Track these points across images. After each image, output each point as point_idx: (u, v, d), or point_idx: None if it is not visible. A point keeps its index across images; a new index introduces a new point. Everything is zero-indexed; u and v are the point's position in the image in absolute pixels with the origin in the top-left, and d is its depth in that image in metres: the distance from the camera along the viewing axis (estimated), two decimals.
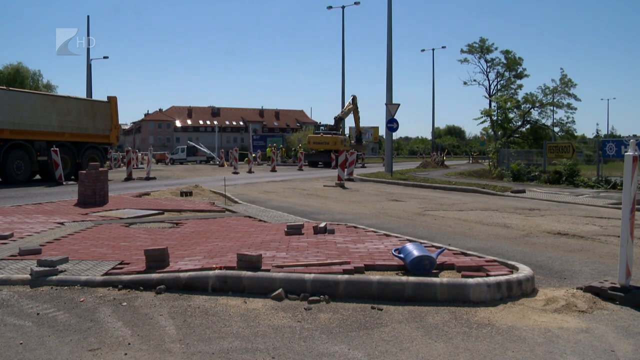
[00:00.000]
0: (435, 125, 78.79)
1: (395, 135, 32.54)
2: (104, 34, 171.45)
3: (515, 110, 35.73)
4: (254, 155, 44.79)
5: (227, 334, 4.01)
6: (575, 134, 46.04)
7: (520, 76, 60.20)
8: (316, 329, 4.11)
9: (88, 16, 50.50)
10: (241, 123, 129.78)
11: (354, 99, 49.01)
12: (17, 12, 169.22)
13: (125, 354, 3.65)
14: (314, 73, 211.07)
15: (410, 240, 6.77)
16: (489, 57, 62.97)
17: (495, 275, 5.05)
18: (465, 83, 66.34)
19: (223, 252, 6.20)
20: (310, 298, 4.72)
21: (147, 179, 24.85)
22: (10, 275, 5.46)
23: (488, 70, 63.67)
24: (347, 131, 56.45)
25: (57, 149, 21.51)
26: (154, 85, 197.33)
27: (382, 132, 72.84)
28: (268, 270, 5.16)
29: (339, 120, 48.77)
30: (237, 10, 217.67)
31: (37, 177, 23.76)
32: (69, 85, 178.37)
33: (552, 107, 41.29)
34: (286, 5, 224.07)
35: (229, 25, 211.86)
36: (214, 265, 5.34)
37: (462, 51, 64.46)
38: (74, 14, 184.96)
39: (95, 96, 39.74)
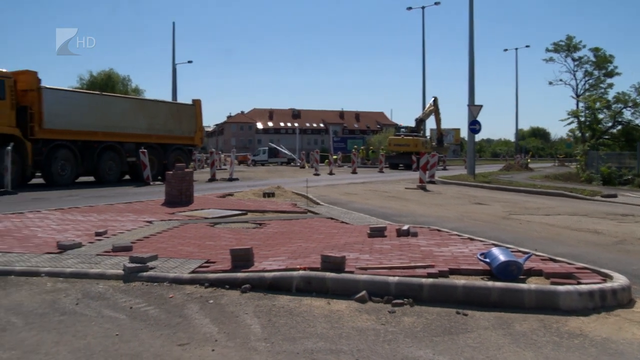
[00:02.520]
0: (519, 127, 76.74)
1: (477, 137, 31.85)
2: (188, 37, 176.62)
3: (605, 110, 34.16)
4: (334, 157, 44.98)
5: (312, 334, 4.04)
6: None
7: (610, 74, 57.76)
8: (400, 332, 4.07)
9: (174, 22, 52.30)
10: (321, 125, 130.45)
11: (435, 100, 48.41)
12: (108, 22, 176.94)
13: (213, 350, 3.74)
14: (394, 74, 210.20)
15: (495, 245, 6.60)
16: (576, 55, 60.74)
17: (587, 284, 4.84)
18: (550, 83, 64.20)
19: (306, 253, 6.25)
20: (394, 301, 4.68)
21: (230, 179, 25.39)
22: (106, 270, 5.71)
23: (575, 69, 61.43)
24: (428, 133, 55.86)
25: (145, 150, 22.34)
26: (236, 88, 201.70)
27: (464, 134, 71.57)
28: (352, 272, 5.16)
29: (420, 122, 48.35)
30: (314, 12, 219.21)
31: (127, 177, 24.75)
32: (156, 89, 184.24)
33: None
34: (365, 6, 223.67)
35: (307, 26, 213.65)
36: (298, 266, 5.39)
37: (547, 50, 62.46)
38: (163, 23, 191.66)
39: (180, 99, 40.93)
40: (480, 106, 25.94)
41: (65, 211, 11.06)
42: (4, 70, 19.93)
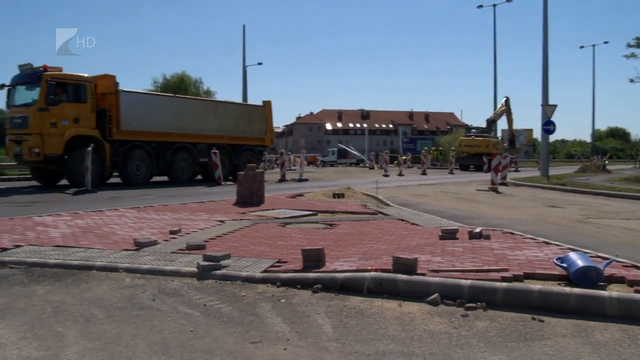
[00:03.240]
0: (595, 127, 74.20)
1: (551, 138, 30.84)
2: (259, 39, 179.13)
3: None
4: (404, 157, 44.69)
5: (383, 336, 4.02)
6: None
7: None
8: (473, 336, 4.00)
9: (244, 25, 53.10)
10: (390, 126, 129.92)
11: (507, 100, 47.38)
12: (181, 26, 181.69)
13: (285, 349, 3.77)
14: (464, 74, 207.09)
15: (572, 249, 6.40)
16: None
17: None
18: (631, 80, 61.15)
19: (377, 254, 6.22)
20: (467, 305, 4.60)
21: (300, 180, 25.59)
22: (180, 268, 5.86)
23: None
24: (499, 134, 54.71)
25: (217, 151, 22.79)
26: (306, 89, 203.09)
27: (537, 134, 69.63)
28: (424, 275, 5.10)
29: (491, 122, 47.39)
30: (384, 12, 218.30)
31: (199, 177, 25.32)
32: (226, 91, 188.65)
33: None
34: (435, 5, 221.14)
35: (377, 27, 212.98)
36: (369, 267, 5.37)
37: (628, 45, 59.84)
38: (234, 26, 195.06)
39: (250, 101, 41.58)
40: (555, 106, 25.18)
41: (141, 210, 11.43)
42: (86, 75, 20.79)
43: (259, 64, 51.99)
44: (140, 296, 5.04)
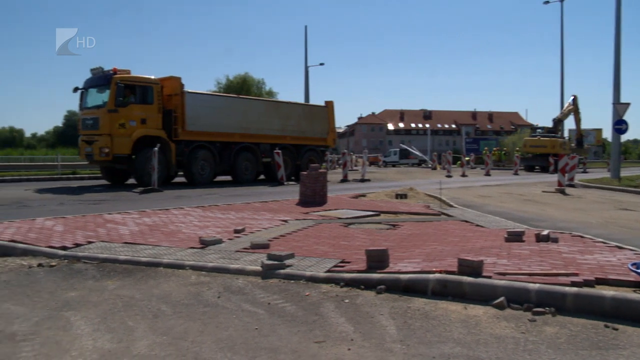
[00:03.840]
0: None
1: (623, 138, 29.75)
2: (321, 40, 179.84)
3: None
4: (467, 158, 44.02)
5: (448, 338, 3.96)
6: None
7: None
8: (542, 342, 3.88)
9: (306, 26, 53.53)
10: (453, 126, 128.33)
11: (575, 99, 46.10)
12: (244, 27, 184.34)
13: (349, 349, 3.76)
14: (529, 73, 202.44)
15: None
16: None
17: None
18: None
19: (442, 256, 6.15)
20: (535, 309, 4.47)
21: (362, 180, 25.55)
22: (245, 266, 5.94)
23: None
24: (566, 134, 53.26)
25: (280, 151, 22.98)
26: (367, 89, 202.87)
27: (606, 134, 67.40)
28: (489, 277, 5.00)
29: (558, 122, 46.22)
30: (446, 12, 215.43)
31: (261, 177, 25.60)
32: (288, 92, 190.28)
33: None
34: (499, 3, 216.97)
35: (438, 26, 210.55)
36: (434, 269, 5.31)
37: None
38: (296, 27, 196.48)
39: (312, 101, 41.80)
40: (628, 104, 24.30)
41: (206, 209, 11.64)
42: (152, 77, 21.35)
43: (321, 64, 52.32)
44: (205, 293, 5.14)
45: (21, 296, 5.13)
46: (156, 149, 18.67)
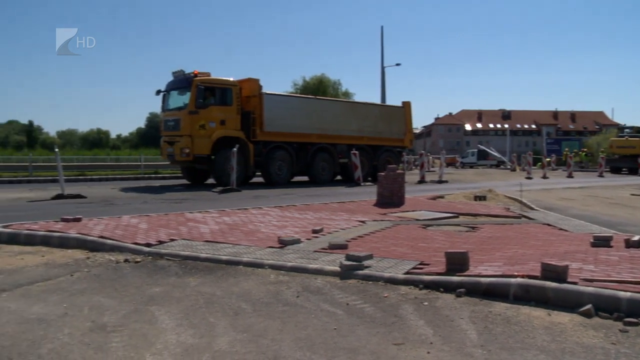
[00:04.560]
0: None
1: None
2: (397, 40, 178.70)
3: None
4: (548, 159, 42.76)
5: (531, 345, 3.83)
6: None
7: None
8: (635, 355, 3.67)
9: (382, 26, 53.32)
10: (533, 126, 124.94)
11: None
12: (319, 28, 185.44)
13: (428, 352, 3.71)
14: (615, 70, 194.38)
15: None
16: None
17: None
18: None
19: (524, 259, 5.97)
20: (626, 319, 4.25)
21: (439, 182, 25.24)
22: (323, 267, 5.96)
23: None
24: None
25: (357, 152, 22.98)
26: (444, 89, 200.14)
27: None
28: (575, 283, 4.81)
29: None
30: (525, 10, 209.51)
31: (338, 177, 25.68)
32: (364, 92, 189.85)
33: None
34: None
35: (517, 24, 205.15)
36: (516, 273, 5.16)
37: None
38: (372, 27, 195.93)
39: (389, 101, 41.64)
40: None
41: (284, 209, 11.77)
42: (231, 79, 21.80)
43: (397, 64, 51.88)
44: (284, 292, 5.19)
45: (110, 290, 5.36)
46: (235, 149, 19.05)
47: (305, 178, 24.46)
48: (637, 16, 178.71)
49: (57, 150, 18.77)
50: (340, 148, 24.65)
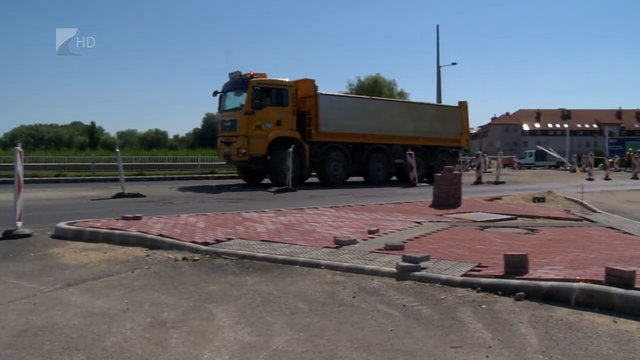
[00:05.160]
0: None
1: None
2: (453, 39, 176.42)
3: None
4: (610, 160, 41.50)
5: (595, 354, 3.71)
6: None
7: None
8: None
9: (437, 25, 52.79)
10: (594, 126, 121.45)
11: None
12: (375, 28, 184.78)
13: (487, 356, 3.64)
14: None
15: None
16: None
17: None
18: None
19: (586, 264, 5.81)
20: None
21: (496, 183, 24.84)
22: (379, 267, 5.94)
23: None
24: None
25: (412, 152, 22.81)
26: (501, 89, 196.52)
27: None
28: None
29: None
30: (582, 5, 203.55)
31: (393, 178, 25.54)
32: (419, 92, 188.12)
33: None
34: None
35: (577, 21, 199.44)
36: (578, 277, 5.03)
37: None
38: (427, 26, 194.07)
39: (444, 101, 41.13)
40: None
41: (339, 209, 11.78)
42: (287, 80, 21.95)
43: (453, 64, 51.29)
44: (341, 293, 5.19)
45: (169, 287, 5.48)
46: (291, 149, 19.18)
47: (361, 178, 24.43)
48: None
49: (118, 150, 19.31)
50: (395, 148, 24.52)
